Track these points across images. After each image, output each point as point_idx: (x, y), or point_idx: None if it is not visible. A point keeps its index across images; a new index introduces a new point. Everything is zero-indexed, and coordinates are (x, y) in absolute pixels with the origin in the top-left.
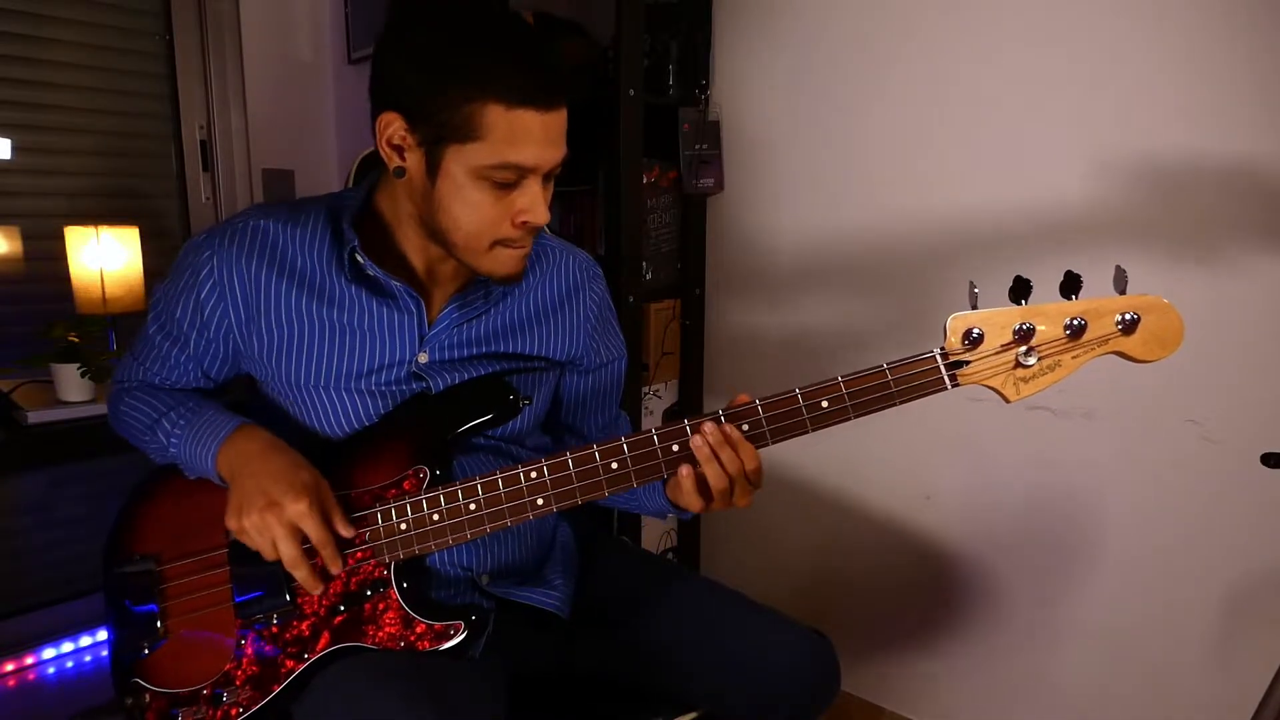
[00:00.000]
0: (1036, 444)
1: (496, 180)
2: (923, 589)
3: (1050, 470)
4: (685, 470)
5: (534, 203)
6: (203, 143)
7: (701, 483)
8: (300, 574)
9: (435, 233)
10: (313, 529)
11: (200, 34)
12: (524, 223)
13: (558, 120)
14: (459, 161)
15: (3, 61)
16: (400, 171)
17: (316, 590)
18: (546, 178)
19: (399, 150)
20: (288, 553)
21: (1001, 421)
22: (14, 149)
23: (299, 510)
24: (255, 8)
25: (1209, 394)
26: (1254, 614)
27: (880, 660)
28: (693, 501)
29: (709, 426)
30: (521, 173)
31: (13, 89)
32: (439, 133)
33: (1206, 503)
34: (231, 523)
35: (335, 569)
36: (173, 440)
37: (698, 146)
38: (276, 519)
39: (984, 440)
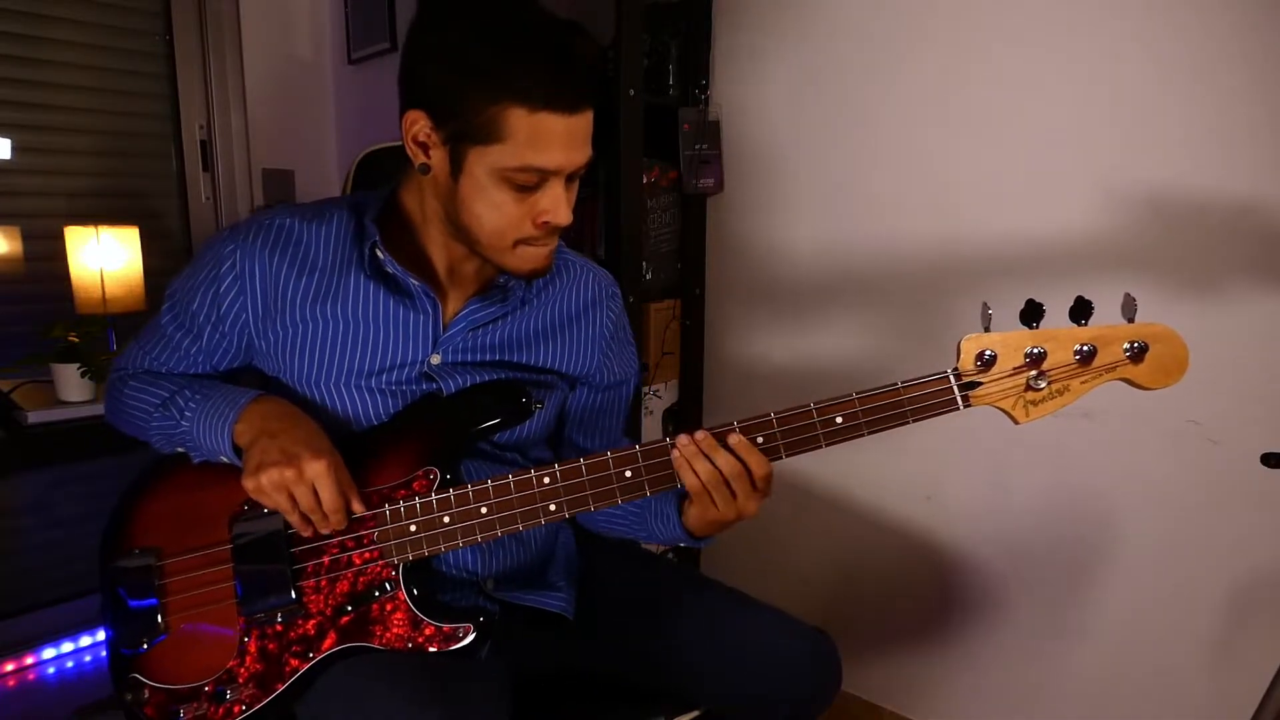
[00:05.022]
0: (1036, 444)
1: (518, 182)
2: (923, 589)
3: (1050, 471)
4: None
5: (556, 203)
6: (203, 143)
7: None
8: (315, 519)
9: (459, 230)
10: (327, 490)
11: (200, 34)
12: (545, 223)
13: (582, 123)
14: (481, 162)
15: (3, 61)
16: (425, 168)
17: (339, 527)
18: (570, 178)
19: (424, 147)
20: (305, 500)
21: (1002, 423)
22: (14, 149)
23: (317, 469)
24: (255, 8)
25: (1209, 394)
26: (1255, 613)
27: (880, 660)
28: (701, 509)
29: (699, 434)
30: (543, 175)
31: (13, 89)
32: (462, 133)
33: (1207, 503)
34: (248, 482)
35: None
36: (186, 415)
37: (698, 146)
38: (296, 475)
39: (984, 441)
